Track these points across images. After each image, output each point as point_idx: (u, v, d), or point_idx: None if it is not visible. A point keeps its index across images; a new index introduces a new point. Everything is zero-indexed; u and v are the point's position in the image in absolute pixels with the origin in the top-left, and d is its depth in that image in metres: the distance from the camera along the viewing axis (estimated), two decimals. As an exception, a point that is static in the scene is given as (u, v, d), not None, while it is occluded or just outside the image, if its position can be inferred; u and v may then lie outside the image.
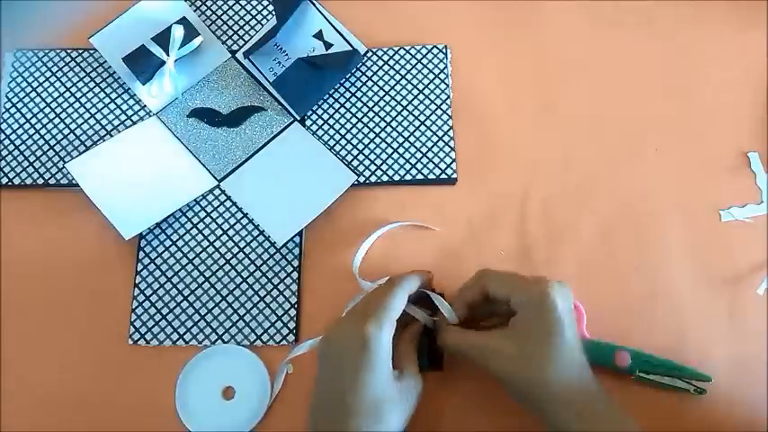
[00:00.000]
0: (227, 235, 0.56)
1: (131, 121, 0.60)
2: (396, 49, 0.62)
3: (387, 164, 0.58)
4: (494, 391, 0.47)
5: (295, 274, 0.55)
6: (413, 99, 0.60)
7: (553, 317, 0.43)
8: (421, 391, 0.46)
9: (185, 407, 0.51)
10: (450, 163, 0.58)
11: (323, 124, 0.60)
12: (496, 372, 0.45)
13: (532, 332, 0.44)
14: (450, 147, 0.58)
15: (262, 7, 0.64)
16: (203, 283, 0.55)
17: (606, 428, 0.42)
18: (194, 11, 0.63)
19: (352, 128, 0.59)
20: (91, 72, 0.62)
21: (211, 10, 0.64)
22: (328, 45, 0.62)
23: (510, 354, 0.44)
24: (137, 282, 0.55)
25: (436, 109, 0.60)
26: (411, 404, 0.44)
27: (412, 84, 0.61)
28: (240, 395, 0.51)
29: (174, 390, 0.51)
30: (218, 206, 0.57)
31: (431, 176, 0.57)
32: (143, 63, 0.59)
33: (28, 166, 0.58)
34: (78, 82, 0.62)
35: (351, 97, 0.61)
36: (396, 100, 0.60)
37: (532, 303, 0.44)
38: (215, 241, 0.56)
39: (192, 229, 0.57)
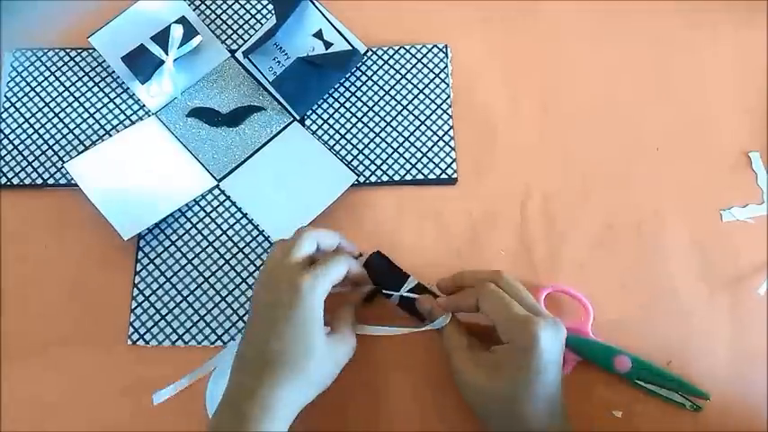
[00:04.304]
0: (227, 235, 0.56)
1: (130, 120, 0.60)
2: (396, 48, 0.62)
3: (387, 164, 0.58)
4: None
5: (295, 275, 0.55)
6: (413, 99, 0.60)
7: (537, 363, 0.42)
8: (351, 353, 0.47)
9: (215, 402, 0.50)
10: (451, 163, 0.58)
11: (323, 124, 0.59)
12: (465, 393, 0.46)
13: (513, 371, 0.43)
14: (450, 147, 0.58)
15: (261, 6, 0.64)
16: (203, 283, 0.55)
17: None
18: (193, 10, 0.63)
19: (352, 128, 0.59)
20: (90, 72, 0.62)
21: (211, 9, 0.64)
22: (328, 44, 0.62)
23: (486, 386, 0.44)
24: (136, 282, 0.55)
25: (436, 109, 0.60)
26: (338, 363, 0.46)
27: (412, 83, 0.61)
28: None
29: (205, 388, 0.51)
30: (218, 206, 0.57)
31: (431, 176, 0.57)
32: (142, 62, 0.59)
33: (27, 166, 0.58)
34: (77, 81, 0.62)
35: (351, 97, 0.60)
36: (396, 100, 0.60)
37: (518, 344, 0.43)
38: (214, 241, 0.56)
39: (191, 229, 0.56)
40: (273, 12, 0.62)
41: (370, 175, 0.58)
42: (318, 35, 0.62)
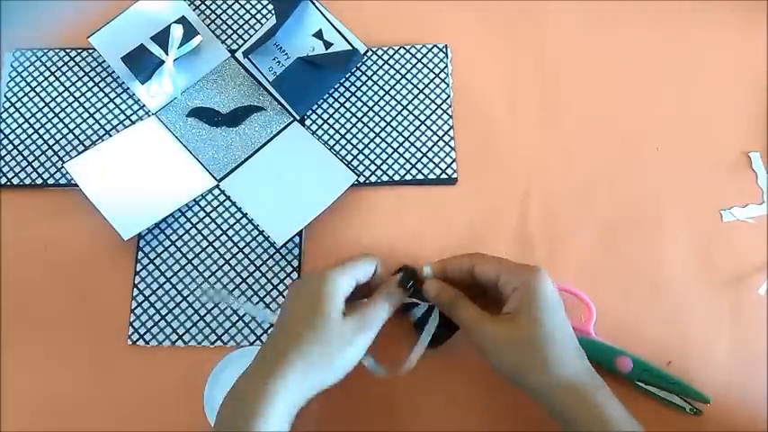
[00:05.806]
0: (227, 235, 0.56)
1: (130, 120, 0.60)
2: (396, 48, 0.62)
3: (387, 164, 0.58)
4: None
5: (295, 275, 0.55)
6: (413, 99, 0.60)
7: (547, 300, 0.43)
8: (368, 342, 0.45)
9: (213, 406, 0.50)
10: (451, 163, 0.58)
11: (323, 124, 0.59)
12: (491, 359, 0.45)
13: (529, 312, 0.43)
14: (450, 147, 0.58)
15: (261, 6, 0.64)
16: (203, 283, 0.55)
17: (610, 414, 0.41)
18: (193, 10, 0.63)
19: (352, 128, 0.59)
20: (90, 72, 0.62)
21: (211, 9, 0.64)
22: (328, 44, 0.62)
23: (508, 336, 0.43)
24: (136, 282, 0.55)
25: (436, 109, 0.60)
26: (355, 350, 0.44)
27: (412, 83, 0.61)
28: None
29: (203, 390, 0.50)
30: (218, 206, 0.57)
31: (431, 176, 0.57)
32: (142, 62, 0.59)
33: (27, 166, 0.58)
34: (77, 81, 0.61)
35: (351, 97, 0.60)
36: (396, 100, 0.60)
37: (527, 287, 0.44)
38: (214, 241, 0.56)
39: (191, 229, 0.56)
40: (273, 12, 0.62)
41: (370, 175, 0.57)
42: (318, 35, 0.62)
